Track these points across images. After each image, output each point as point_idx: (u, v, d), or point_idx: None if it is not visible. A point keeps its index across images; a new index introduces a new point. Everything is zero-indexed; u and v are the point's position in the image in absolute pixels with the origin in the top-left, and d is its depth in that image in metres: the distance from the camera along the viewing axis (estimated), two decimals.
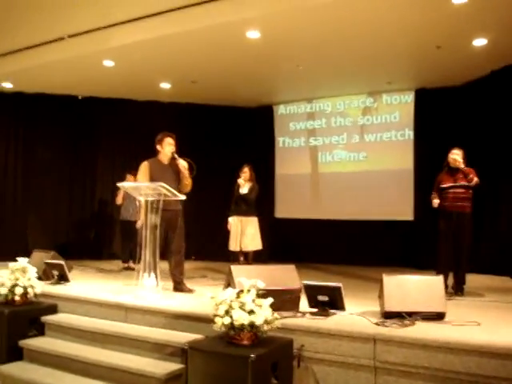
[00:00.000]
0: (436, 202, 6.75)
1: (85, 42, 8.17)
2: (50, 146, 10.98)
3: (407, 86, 10.17)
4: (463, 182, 6.59)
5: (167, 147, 6.47)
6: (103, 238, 11.45)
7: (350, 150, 10.93)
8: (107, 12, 7.85)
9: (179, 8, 7.11)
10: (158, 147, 6.57)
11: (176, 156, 6.42)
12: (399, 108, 10.49)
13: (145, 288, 5.77)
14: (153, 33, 7.52)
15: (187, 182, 6.42)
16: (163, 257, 6.27)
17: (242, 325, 3.96)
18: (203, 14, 6.97)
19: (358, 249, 10.48)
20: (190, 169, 6.47)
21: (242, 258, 8.11)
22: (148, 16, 7.42)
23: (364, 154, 10.77)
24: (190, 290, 6.33)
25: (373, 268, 9.03)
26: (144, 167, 6.44)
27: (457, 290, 6.55)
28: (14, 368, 5.34)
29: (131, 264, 9.22)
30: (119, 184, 6.30)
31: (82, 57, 8.50)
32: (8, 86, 10.26)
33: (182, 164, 6.37)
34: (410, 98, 10.36)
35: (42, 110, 10.88)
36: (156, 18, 7.36)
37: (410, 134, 10.38)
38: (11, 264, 5.93)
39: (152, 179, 6.22)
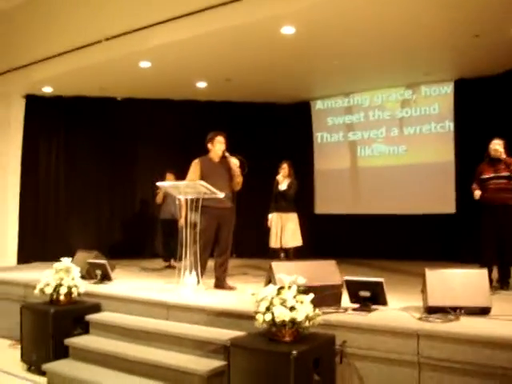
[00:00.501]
0: (478, 193, 6.61)
1: (121, 44, 8.23)
2: (91, 148, 11.13)
3: (446, 77, 9.98)
4: (505, 173, 6.45)
5: (218, 145, 6.53)
6: (145, 237, 11.54)
7: (390, 143, 10.79)
8: (143, 13, 7.95)
9: (214, 6, 7.09)
10: (209, 146, 6.63)
11: (227, 154, 6.47)
12: (438, 99, 10.31)
13: (186, 286, 5.83)
14: (188, 32, 7.53)
15: (238, 179, 6.48)
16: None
17: (283, 321, 3.95)
18: (238, 12, 6.95)
19: (399, 243, 10.35)
20: (242, 166, 6.50)
21: (282, 255, 8.09)
22: (183, 15, 7.42)
23: (404, 148, 10.63)
24: (231, 288, 6.36)
25: (414, 262, 8.91)
26: (195, 165, 6.52)
27: (502, 284, 6.40)
28: (61, 366, 5.46)
29: (173, 262, 9.29)
30: (159, 183, 6.37)
31: (119, 59, 8.57)
32: (48, 90, 10.43)
33: (234, 162, 6.42)
34: (449, 88, 10.17)
35: (82, 113, 11.02)
36: (191, 18, 7.37)
37: (450, 125, 10.19)
38: (55, 264, 6.05)
39: (203, 177, 6.27)
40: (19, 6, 9.93)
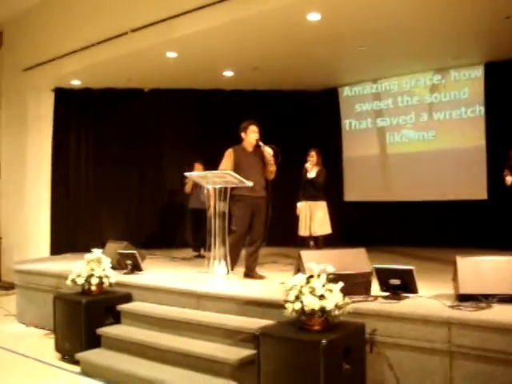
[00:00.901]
0: (509, 179, 6.49)
1: (147, 35, 8.25)
2: (119, 139, 11.19)
3: (476, 61, 9.78)
4: None
5: (251, 134, 6.53)
6: (174, 227, 11.61)
7: (419, 129, 10.64)
8: (168, 4, 7.96)
9: None
10: (243, 135, 6.63)
11: (261, 143, 6.45)
12: (468, 83, 10.12)
13: (216, 275, 5.85)
14: (214, 21, 7.51)
15: (272, 168, 6.44)
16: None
17: (313, 310, 3.94)
18: None
19: (430, 230, 10.23)
20: (275, 155, 6.46)
21: (311, 243, 8.07)
22: (209, 4, 7.40)
23: (433, 133, 10.47)
24: (260, 277, 6.38)
25: (445, 250, 8.81)
26: (228, 154, 6.52)
27: None
28: (94, 355, 5.55)
29: (202, 252, 9.34)
30: (187, 174, 6.41)
31: (145, 50, 8.60)
32: (76, 83, 10.54)
33: (268, 151, 6.40)
34: (479, 72, 9.97)
35: (110, 105, 11.10)
36: (217, 6, 7.34)
37: (480, 109, 9.99)
38: (86, 255, 6.13)
39: (236, 166, 6.31)
40: (48, 0, 10.05)
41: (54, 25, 9.96)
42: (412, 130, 10.70)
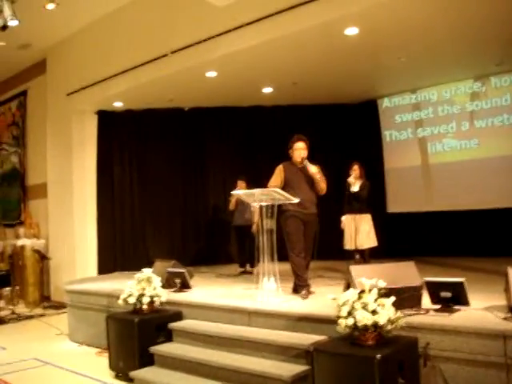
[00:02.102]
0: None
1: (187, 56, 8.39)
2: (162, 158, 11.35)
3: None
4: None
5: (296, 153, 6.46)
6: (219, 244, 11.69)
7: (461, 138, 10.52)
8: (207, 24, 8.08)
9: (278, 12, 7.13)
10: (290, 152, 6.58)
11: (305, 162, 6.34)
12: (510, 90, 9.99)
13: (265, 292, 5.88)
14: (253, 40, 7.60)
15: (322, 185, 6.34)
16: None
17: (366, 325, 3.96)
18: (301, 17, 6.97)
19: (474, 240, 10.09)
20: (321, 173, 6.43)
21: (357, 256, 8.04)
22: (247, 24, 7.49)
23: (475, 141, 10.34)
24: (308, 294, 6.20)
25: (491, 259, 8.71)
26: (278, 171, 6.50)
27: None
28: (148, 373, 5.65)
29: (248, 268, 9.41)
30: (233, 192, 6.46)
31: (186, 70, 8.72)
32: (119, 104, 10.76)
33: (311, 171, 6.31)
34: None
35: (152, 125, 11.29)
36: (255, 25, 7.42)
37: None
38: (137, 275, 6.24)
39: (286, 182, 6.33)
40: (89, 27, 10.33)
41: (95, 49, 10.22)
42: (454, 138, 10.58)
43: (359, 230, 7.88)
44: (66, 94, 10.83)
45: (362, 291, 4.14)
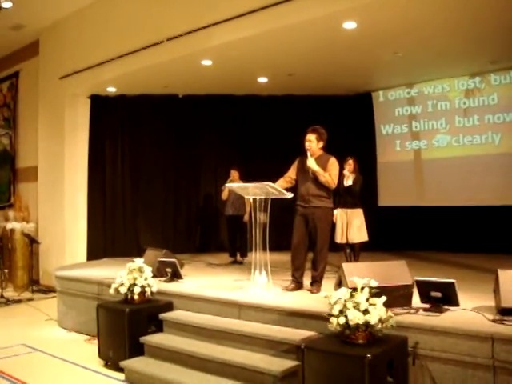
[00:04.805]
0: None
1: (183, 44, 8.34)
2: (154, 145, 11.31)
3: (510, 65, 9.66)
4: None
5: (306, 144, 6.27)
6: (209, 232, 11.71)
7: (454, 134, 10.54)
8: (203, 13, 8.03)
9: (275, 4, 7.09)
10: None
11: (308, 155, 6.15)
12: (504, 88, 9.97)
13: (257, 285, 5.91)
14: (250, 30, 7.55)
15: (321, 179, 6.04)
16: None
17: (357, 324, 4.00)
18: (300, 9, 6.93)
19: (464, 236, 10.18)
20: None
21: (348, 250, 8.08)
22: (244, 14, 7.45)
23: (469, 138, 10.36)
24: (313, 292, 6.09)
25: (483, 255, 8.77)
26: (294, 163, 6.40)
27: None
28: (137, 363, 5.67)
29: (238, 258, 9.44)
30: (227, 185, 6.46)
31: (181, 58, 8.67)
32: (112, 90, 10.69)
33: (307, 164, 6.10)
34: None
35: (145, 111, 11.21)
36: (252, 16, 7.38)
37: None
38: (128, 264, 6.24)
39: (297, 175, 6.25)
40: (83, 10, 10.23)
41: (89, 33, 10.13)
42: (447, 134, 10.59)
43: (351, 225, 7.90)
44: (58, 78, 10.75)
45: (354, 290, 4.16)
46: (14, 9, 8.54)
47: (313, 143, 6.19)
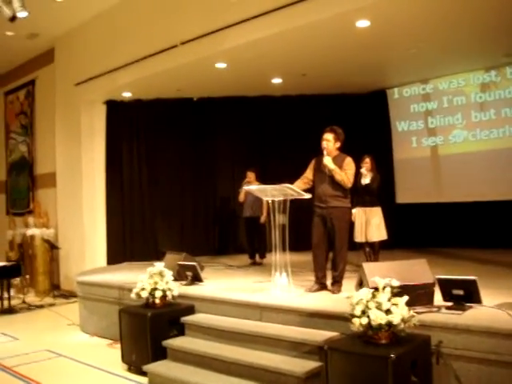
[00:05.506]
0: None
1: (197, 47, 8.34)
2: (170, 149, 11.34)
3: None
4: None
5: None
6: (227, 234, 11.74)
7: (471, 129, 10.45)
8: (217, 16, 8.03)
9: (289, 4, 7.08)
10: None
11: (324, 153, 6.14)
12: None
13: (277, 286, 5.91)
14: (264, 32, 7.54)
15: (338, 177, 6.00)
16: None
17: (380, 325, 4.00)
18: (312, 9, 6.91)
19: (483, 231, 10.09)
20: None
21: (367, 249, 8.05)
22: (258, 16, 7.44)
23: (485, 133, 10.26)
24: (334, 292, 6.07)
25: (503, 251, 8.72)
26: (311, 164, 6.39)
27: None
28: (160, 367, 5.69)
29: (257, 259, 9.45)
30: (246, 187, 6.45)
31: (195, 62, 8.69)
32: (127, 95, 10.75)
33: (324, 162, 6.07)
34: None
35: (160, 115, 11.26)
36: (266, 17, 7.36)
37: None
38: (149, 269, 6.27)
39: (314, 175, 6.24)
40: (97, 17, 10.30)
41: (104, 40, 10.20)
42: (464, 129, 10.49)
43: (370, 223, 7.87)
44: (74, 84, 10.82)
45: (376, 289, 4.16)
46: (29, 18, 8.57)
47: (330, 143, 6.18)
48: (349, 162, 6.18)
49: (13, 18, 8.47)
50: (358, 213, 7.95)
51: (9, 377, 6.08)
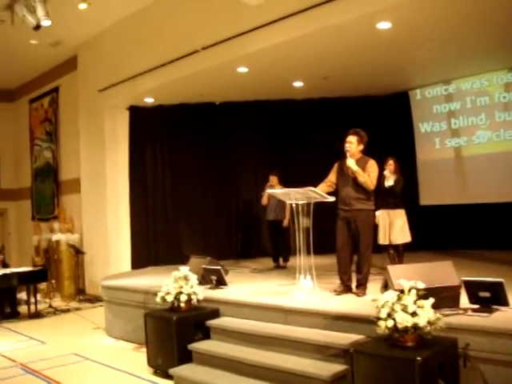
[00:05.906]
0: None
1: (218, 52, 8.41)
2: (193, 153, 11.40)
3: None
4: None
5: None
6: (250, 238, 11.75)
7: (495, 129, 10.31)
8: (238, 21, 8.08)
9: (309, 8, 7.10)
10: None
11: (347, 156, 6.13)
12: None
13: (302, 290, 5.91)
14: (284, 36, 7.58)
15: (361, 180, 6.00)
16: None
17: (406, 327, 3.98)
18: (333, 12, 6.92)
19: (509, 232, 9.93)
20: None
21: (391, 251, 8.01)
22: (279, 20, 7.47)
23: (510, 133, 10.10)
24: (359, 294, 6.05)
25: None
26: (334, 167, 6.39)
27: None
28: (186, 370, 5.73)
29: (281, 262, 9.44)
30: (269, 191, 6.46)
31: (217, 66, 8.76)
32: (149, 100, 10.85)
33: (348, 165, 6.07)
34: None
35: (183, 120, 11.33)
36: (286, 21, 7.40)
37: None
38: (174, 273, 6.31)
39: (337, 178, 6.24)
40: (119, 24, 10.42)
41: (126, 46, 10.32)
42: (488, 130, 10.37)
43: (393, 225, 7.84)
44: (97, 91, 10.97)
45: (402, 292, 4.14)
46: (52, 26, 8.73)
47: (353, 145, 6.18)
48: (372, 165, 6.16)
49: (37, 27, 8.64)
50: (381, 215, 7.92)
51: (37, 380, 6.19)
